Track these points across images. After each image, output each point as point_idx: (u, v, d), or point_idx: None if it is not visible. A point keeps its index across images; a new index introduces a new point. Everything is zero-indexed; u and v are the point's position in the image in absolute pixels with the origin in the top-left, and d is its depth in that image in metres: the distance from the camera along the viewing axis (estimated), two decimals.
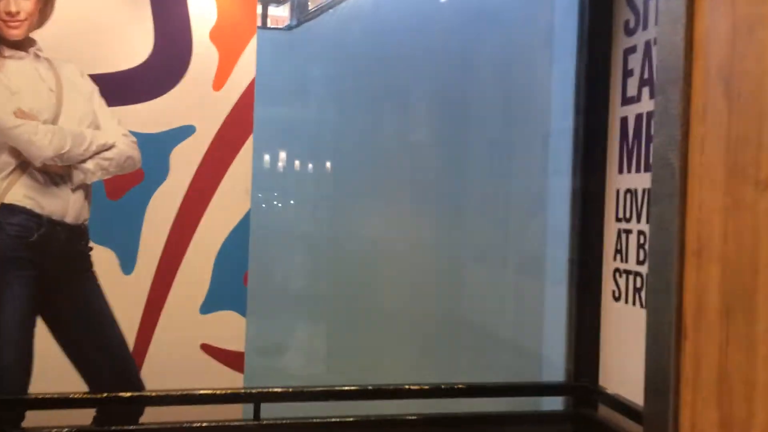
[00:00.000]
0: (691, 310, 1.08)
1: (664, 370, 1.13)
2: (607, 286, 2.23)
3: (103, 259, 1.96)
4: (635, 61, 2.09)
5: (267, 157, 2.36)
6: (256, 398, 2.01)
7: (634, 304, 2.07)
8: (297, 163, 2.47)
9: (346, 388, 2.10)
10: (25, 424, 1.88)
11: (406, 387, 2.14)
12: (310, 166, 2.48)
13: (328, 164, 2.53)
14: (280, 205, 2.44)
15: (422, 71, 2.62)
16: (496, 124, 2.72)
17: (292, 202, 2.48)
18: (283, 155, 2.44)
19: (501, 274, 2.71)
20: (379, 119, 2.62)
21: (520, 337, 2.70)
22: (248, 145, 2.07)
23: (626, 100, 2.13)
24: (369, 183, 2.58)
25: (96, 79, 1.96)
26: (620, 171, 2.15)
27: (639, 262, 2.04)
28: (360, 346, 2.55)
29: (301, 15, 2.68)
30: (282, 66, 2.48)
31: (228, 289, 2.06)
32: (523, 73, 2.71)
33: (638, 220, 2.05)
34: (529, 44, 2.69)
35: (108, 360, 1.97)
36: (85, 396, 1.90)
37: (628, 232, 2.10)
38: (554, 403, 2.44)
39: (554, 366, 2.53)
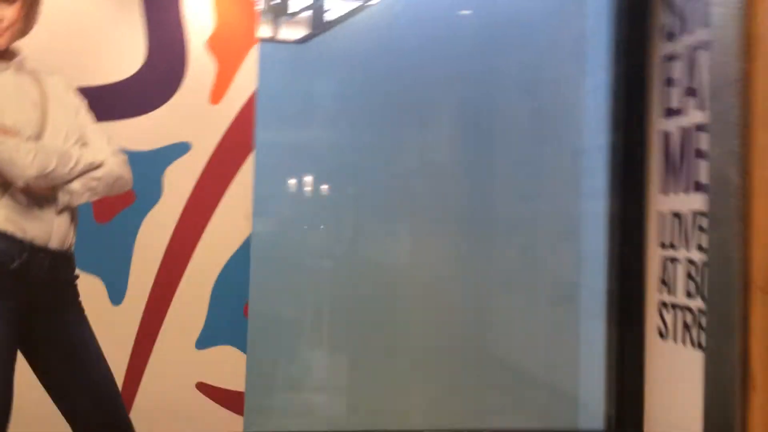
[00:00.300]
0: (760, 355, 0.92)
1: (727, 426, 0.97)
2: (652, 321, 2.05)
3: (89, 288, 1.84)
4: (678, 70, 1.94)
5: (272, 179, 2.24)
6: None
7: (684, 343, 1.89)
8: (307, 185, 2.35)
9: None
10: None
11: None
12: (321, 188, 2.36)
13: (340, 186, 2.40)
14: (285, 230, 2.32)
15: (443, 86, 2.50)
16: (524, 142, 2.58)
17: (300, 227, 2.35)
18: (291, 176, 2.32)
19: (531, 305, 2.56)
20: (397, 138, 2.51)
21: (553, 376, 2.52)
22: (249, 163, 1.95)
23: (668, 113, 1.97)
24: (386, 206, 2.45)
25: (84, 92, 1.85)
26: (663, 192, 1.99)
27: (689, 295, 1.86)
28: (375, 383, 2.40)
29: (314, 28, 2.57)
30: (293, 81, 2.38)
31: (227, 322, 1.93)
32: (552, 86, 2.58)
33: (687, 247, 1.88)
34: (559, 55, 2.57)
35: (94, 400, 1.83)
36: None
37: (674, 260, 1.93)
38: None
39: (592, 410, 2.35)
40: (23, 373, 1.80)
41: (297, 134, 2.33)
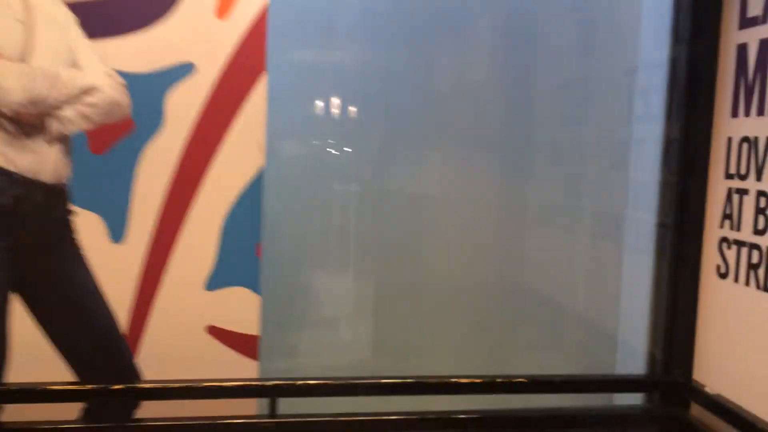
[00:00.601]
0: None
1: None
2: (710, 259, 1.82)
3: (87, 224, 1.69)
4: None
5: (288, 104, 2.02)
6: (273, 391, 1.73)
7: (747, 283, 1.67)
8: (327, 110, 2.12)
9: (383, 381, 1.78)
10: (1, 417, 1.66)
11: (455, 380, 1.81)
12: (343, 113, 2.14)
13: (365, 111, 2.17)
14: (302, 161, 2.11)
15: None
16: (571, 59, 2.32)
17: (319, 157, 2.14)
18: (308, 101, 2.10)
19: (572, 238, 2.35)
20: (429, 56, 2.26)
21: (593, 314, 2.35)
22: (261, 86, 1.73)
23: (746, 22, 1.68)
24: (416, 131, 2.23)
25: (73, 6, 1.65)
26: (734, 114, 1.72)
27: (757, 232, 1.63)
28: (403, 325, 2.25)
29: None
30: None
31: (239, 262, 1.77)
32: None
33: (758, 178, 1.62)
34: None
35: (97, 345, 1.71)
36: (70, 387, 1.66)
37: (742, 192, 1.68)
38: (631, 397, 2.10)
39: (633, 351, 2.18)
40: (20, 316, 1.67)
41: (315, 54, 2.09)
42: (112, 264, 1.70)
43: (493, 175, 2.29)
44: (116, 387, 1.66)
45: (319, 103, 2.10)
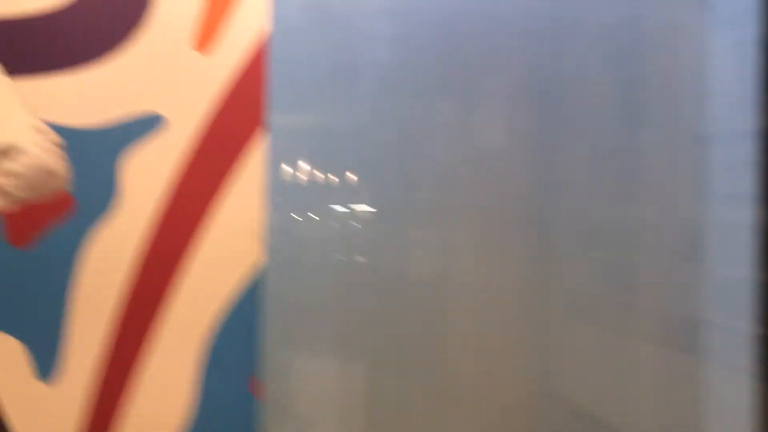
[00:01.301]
0: None
1: None
2: None
3: (2, 354, 1.31)
4: None
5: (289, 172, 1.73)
6: None
7: None
8: (318, 176, 1.88)
9: None
10: None
11: None
12: (337, 179, 1.91)
13: (362, 176, 1.96)
14: (302, 254, 1.80)
15: (504, 46, 2.09)
16: (620, 124, 2.19)
17: (324, 248, 1.85)
18: (315, 169, 1.84)
19: (627, 345, 2.16)
20: (438, 112, 2.10)
21: None
22: (257, 149, 1.40)
23: None
24: (421, 202, 2.03)
25: None
26: None
27: None
28: None
29: None
30: (300, 36, 1.91)
31: (228, 407, 1.38)
32: (662, 45, 2.20)
33: None
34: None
35: None
36: None
37: None
38: None
39: None
40: None
41: (306, 106, 1.85)
42: (36, 413, 1.30)
43: (516, 257, 2.10)
44: None
45: (325, 171, 1.83)
